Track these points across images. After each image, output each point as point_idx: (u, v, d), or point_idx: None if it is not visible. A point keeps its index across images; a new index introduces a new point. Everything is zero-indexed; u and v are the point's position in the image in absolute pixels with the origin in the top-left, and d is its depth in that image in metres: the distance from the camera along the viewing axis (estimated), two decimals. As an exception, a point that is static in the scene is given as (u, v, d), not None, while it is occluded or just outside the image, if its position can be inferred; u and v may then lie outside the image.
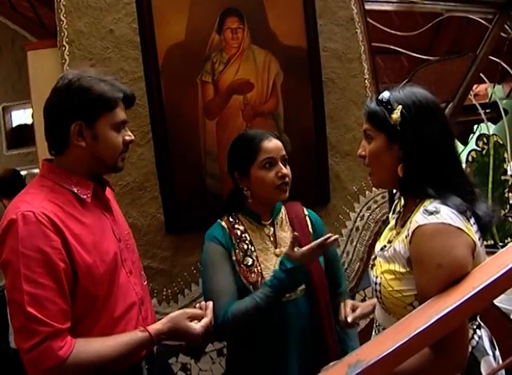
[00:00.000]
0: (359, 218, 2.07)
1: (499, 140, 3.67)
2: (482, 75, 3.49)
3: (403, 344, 0.82)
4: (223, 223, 1.52)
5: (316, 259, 1.56)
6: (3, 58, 5.78)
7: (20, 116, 6.05)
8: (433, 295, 0.95)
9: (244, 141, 1.51)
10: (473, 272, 0.97)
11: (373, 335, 1.29)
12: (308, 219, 1.64)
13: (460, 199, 1.05)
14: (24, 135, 5.68)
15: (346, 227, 2.05)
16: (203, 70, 1.79)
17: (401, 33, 3.52)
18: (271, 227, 1.54)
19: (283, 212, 1.60)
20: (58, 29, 1.71)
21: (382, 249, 1.20)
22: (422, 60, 3.50)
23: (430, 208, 1.05)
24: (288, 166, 1.51)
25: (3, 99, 5.85)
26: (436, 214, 1.02)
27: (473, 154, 3.59)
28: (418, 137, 1.10)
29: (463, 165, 1.21)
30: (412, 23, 3.94)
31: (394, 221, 1.28)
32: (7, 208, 1.15)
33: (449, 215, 1.02)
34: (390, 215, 1.36)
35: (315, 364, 1.39)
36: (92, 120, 1.19)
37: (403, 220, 1.19)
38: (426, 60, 3.44)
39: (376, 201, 2.10)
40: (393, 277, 1.12)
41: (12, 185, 2.99)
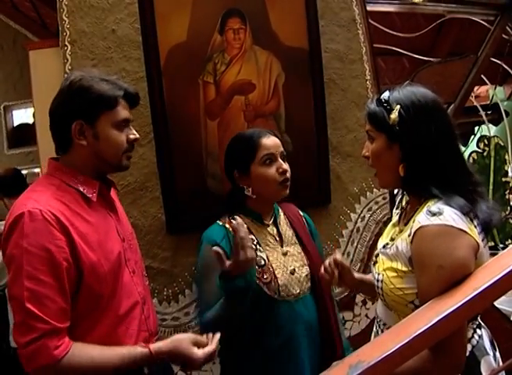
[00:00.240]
0: (360, 219, 2.07)
1: (500, 141, 3.67)
2: (484, 77, 3.49)
3: (404, 345, 0.82)
4: (227, 225, 1.49)
5: (317, 255, 1.57)
6: (4, 57, 5.79)
7: (21, 116, 6.06)
8: (434, 296, 0.96)
9: (243, 140, 1.51)
10: (474, 273, 0.97)
11: (374, 331, 1.30)
12: (304, 219, 1.65)
13: (464, 200, 1.05)
14: (25, 134, 5.69)
15: (346, 228, 2.05)
16: (205, 71, 1.80)
17: (403, 34, 3.52)
18: (274, 227, 1.54)
19: (281, 212, 1.61)
20: (60, 29, 1.71)
21: (385, 246, 1.21)
22: (424, 61, 3.51)
23: (433, 209, 1.05)
24: (287, 163, 1.51)
25: (4, 98, 5.86)
26: (439, 215, 1.02)
27: (474, 155, 3.59)
28: (417, 137, 1.10)
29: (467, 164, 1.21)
30: (414, 25, 3.95)
31: (397, 217, 1.28)
32: (14, 204, 1.17)
33: (452, 216, 1.02)
34: (394, 210, 1.36)
35: (324, 358, 1.44)
36: (93, 119, 1.21)
37: (406, 218, 1.19)
38: (427, 62, 3.45)
39: (377, 202, 2.10)
40: (395, 275, 1.12)
41: (14, 184, 3.00)
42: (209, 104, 1.81)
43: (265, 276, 1.43)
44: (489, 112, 4.18)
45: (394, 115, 1.11)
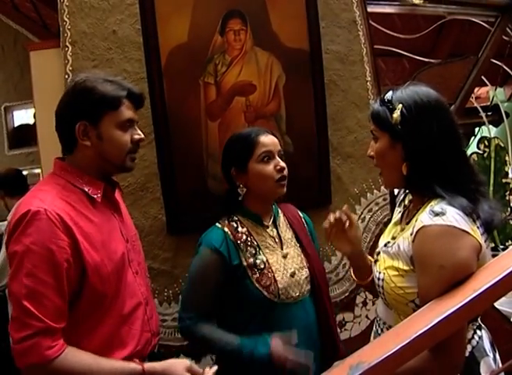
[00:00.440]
0: (360, 220, 2.07)
1: (500, 143, 3.67)
2: (484, 78, 3.49)
3: (404, 345, 0.83)
4: (225, 229, 1.48)
5: (317, 257, 1.57)
6: (5, 58, 5.80)
7: (22, 116, 6.07)
8: (435, 296, 0.96)
9: (241, 137, 1.51)
10: (475, 274, 0.97)
11: (374, 330, 1.30)
12: (304, 220, 1.65)
13: (466, 200, 1.05)
14: (26, 135, 5.71)
15: (347, 229, 2.05)
16: (205, 72, 1.80)
17: (403, 35, 3.51)
18: (274, 228, 1.54)
19: (281, 213, 1.60)
20: (61, 29, 1.71)
21: (386, 245, 1.21)
22: (424, 63, 3.51)
23: (436, 209, 1.05)
24: (283, 162, 1.50)
25: (5, 99, 5.87)
26: (442, 216, 1.02)
27: (474, 157, 3.59)
28: (419, 136, 1.10)
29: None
30: (414, 26, 3.94)
31: (400, 215, 1.28)
32: (19, 202, 1.18)
33: (454, 217, 1.02)
34: (396, 207, 1.36)
35: (326, 359, 1.44)
36: (96, 120, 1.21)
37: (408, 217, 1.20)
38: (428, 63, 3.45)
39: (377, 203, 2.10)
40: (396, 274, 1.12)
41: (15, 184, 3.01)
42: (210, 105, 1.81)
43: (264, 280, 1.43)
44: (490, 114, 4.18)
45: (396, 114, 1.12)
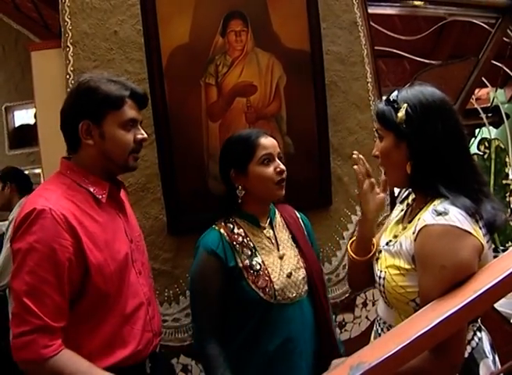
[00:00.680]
0: (360, 221, 2.07)
1: (500, 144, 3.68)
2: (484, 79, 3.49)
3: (404, 346, 0.83)
4: (221, 230, 1.48)
5: (313, 257, 1.57)
6: (6, 58, 5.80)
7: (23, 116, 6.07)
8: (435, 296, 0.96)
9: (241, 139, 1.51)
10: (475, 275, 0.97)
11: (374, 330, 1.30)
12: (301, 221, 1.65)
13: (469, 200, 1.06)
14: (26, 135, 5.70)
15: (347, 230, 2.05)
16: (206, 72, 1.80)
17: (404, 37, 3.52)
18: (270, 229, 1.53)
19: (278, 214, 1.60)
20: (62, 30, 1.71)
21: (388, 243, 1.21)
22: (425, 64, 3.52)
23: (439, 208, 1.05)
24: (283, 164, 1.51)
25: (6, 99, 5.87)
26: (445, 215, 1.03)
27: (474, 158, 3.59)
28: (424, 135, 1.11)
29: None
30: (415, 27, 3.95)
31: (402, 214, 1.28)
32: (25, 201, 1.21)
33: (457, 217, 1.02)
34: (398, 204, 1.36)
35: (323, 358, 1.44)
36: (99, 119, 1.23)
37: (411, 216, 1.20)
38: (428, 64, 3.45)
39: (378, 204, 2.10)
40: (398, 273, 1.12)
41: (24, 182, 3.07)
42: (211, 105, 1.81)
43: (260, 281, 1.42)
44: (490, 115, 4.19)
45: (401, 113, 1.13)
